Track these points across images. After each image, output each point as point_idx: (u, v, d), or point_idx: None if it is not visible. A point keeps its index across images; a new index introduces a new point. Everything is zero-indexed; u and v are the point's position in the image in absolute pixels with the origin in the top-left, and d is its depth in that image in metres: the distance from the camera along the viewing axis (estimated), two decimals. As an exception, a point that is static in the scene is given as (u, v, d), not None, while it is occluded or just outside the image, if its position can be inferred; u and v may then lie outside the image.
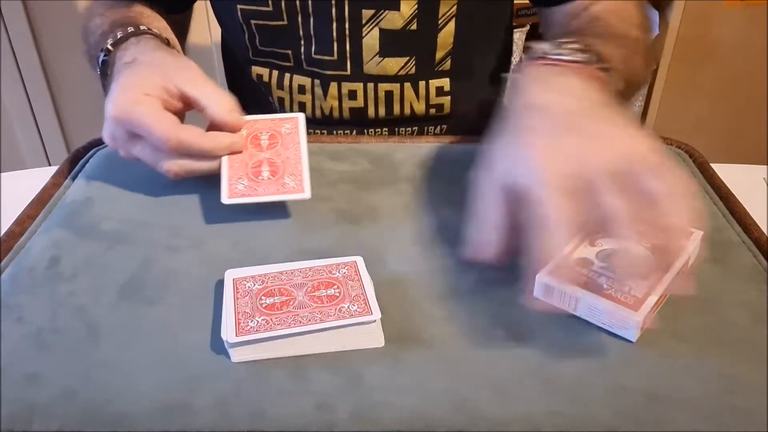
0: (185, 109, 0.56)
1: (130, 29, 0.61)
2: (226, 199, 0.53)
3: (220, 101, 0.54)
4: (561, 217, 0.39)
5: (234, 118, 0.55)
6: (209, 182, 0.59)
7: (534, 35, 1.71)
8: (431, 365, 0.41)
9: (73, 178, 0.61)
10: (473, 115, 0.78)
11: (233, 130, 0.55)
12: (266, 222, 0.54)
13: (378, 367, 0.41)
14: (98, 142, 0.66)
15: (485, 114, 0.54)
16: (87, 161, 0.63)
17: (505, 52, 0.82)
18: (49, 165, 1.62)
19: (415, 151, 0.64)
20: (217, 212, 0.55)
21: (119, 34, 0.61)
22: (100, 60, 0.61)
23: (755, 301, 0.47)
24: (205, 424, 0.38)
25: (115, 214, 0.55)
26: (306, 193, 0.53)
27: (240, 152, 0.55)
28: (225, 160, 0.55)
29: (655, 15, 1.71)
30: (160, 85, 0.54)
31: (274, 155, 0.55)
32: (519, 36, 1.70)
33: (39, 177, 0.64)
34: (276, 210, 0.56)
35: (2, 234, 0.53)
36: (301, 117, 0.57)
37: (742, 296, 0.47)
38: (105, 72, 0.61)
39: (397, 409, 0.39)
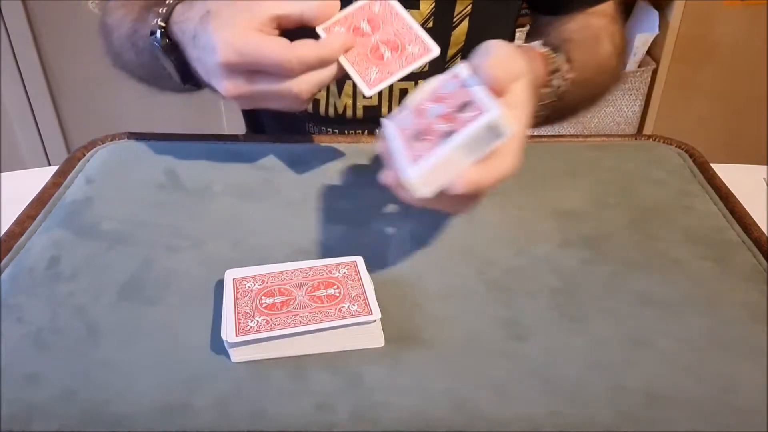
0: (281, 32, 0.54)
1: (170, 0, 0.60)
2: (368, 91, 0.52)
3: (307, 3, 0.53)
4: None
5: (327, 3, 0.53)
6: (209, 182, 0.59)
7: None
8: (431, 365, 0.41)
9: (73, 178, 0.61)
10: None
11: (331, 12, 0.54)
12: (266, 222, 0.54)
13: (378, 367, 0.41)
14: (98, 142, 0.65)
15: None
16: (87, 161, 0.63)
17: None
18: (49, 165, 1.62)
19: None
20: (217, 212, 0.55)
21: (162, 10, 0.59)
22: (158, 39, 0.58)
23: (755, 301, 0.47)
24: (205, 424, 0.38)
25: (115, 214, 0.55)
26: (435, 50, 0.52)
27: (352, 47, 0.54)
28: (344, 61, 0.54)
29: (654, 15, 1.71)
30: (252, 17, 0.52)
31: (384, 34, 0.54)
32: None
33: (39, 177, 0.64)
34: (276, 210, 0.56)
35: (2, 234, 0.53)
36: None
37: (742, 296, 0.47)
38: (168, 48, 0.58)
39: (397, 409, 0.39)
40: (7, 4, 1.60)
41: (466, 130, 0.42)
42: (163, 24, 0.58)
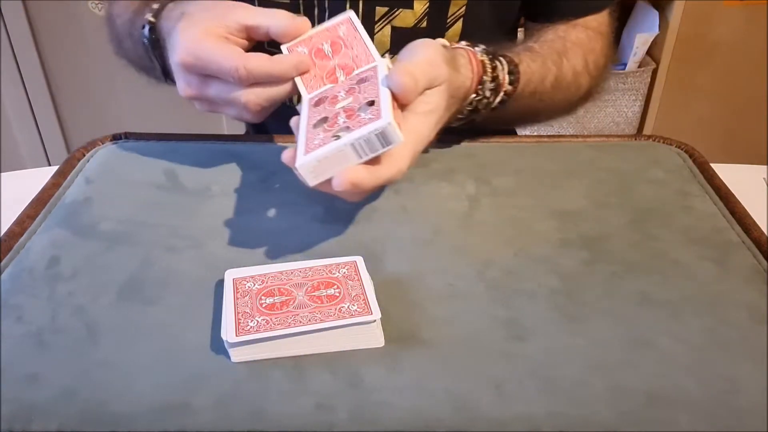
0: (250, 42, 0.56)
1: None
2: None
3: (276, 15, 0.54)
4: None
5: (297, 21, 0.54)
6: (209, 182, 0.59)
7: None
8: (431, 365, 0.41)
9: (73, 179, 0.61)
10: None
11: (300, 31, 0.54)
12: (266, 222, 0.54)
13: (378, 367, 0.41)
14: (98, 142, 0.65)
15: None
16: (87, 161, 0.63)
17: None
18: (49, 165, 1.62)
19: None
20: (217, 212, 0.55)
21: (155, 5, 0.60)
22: (146, 34, 0.60)
23: (755, 301, 0.47)
24: (205, 424, 0.38)
25: (115, 214, 0.55)
26: (381, 62, 0.52)
27: (307, 71, 0.53)
28: (299, 81, 0.53)
29: (654, 15, 1.71)
30: (219, 23, 0.53)
31: (343, 57, 0.54)
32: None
33: (39, 177, 0.64)
34: (276, 210, 0.56)
35: (2, 234, 0.53)
36: (351, 14, 0.56)
37: (742, 296, 0.47)
38: (155, 43, 0.60)
39: (397, 409, 0.39)
40: (7, 4, 1.60)
41: (357, 132, 0.44)
42: (152, 19, 0.59)
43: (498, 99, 0.60)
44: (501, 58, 0.60)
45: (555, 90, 0.68)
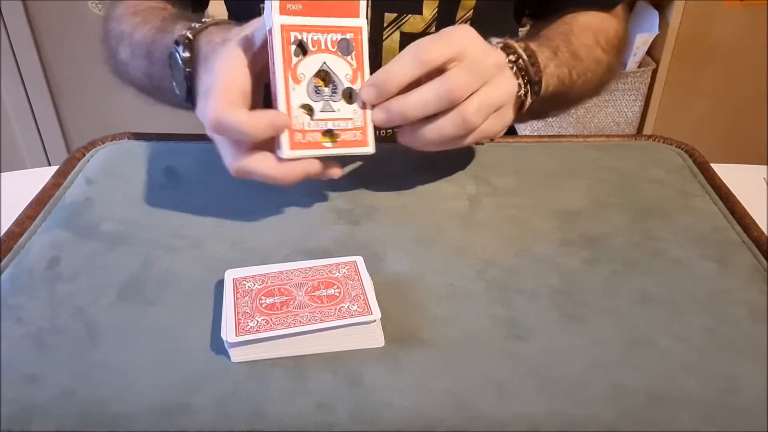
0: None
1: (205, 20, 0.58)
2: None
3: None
4: None
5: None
6: (209, 182, 0.59)
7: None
8: (431, 365, 0.41)
9: (73, 179, 0.61)
10: None
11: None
12: (266, 222, 0.54)
13: (378, 367, 0.41)
14: (98, 142, 0.65)
15: None
16: (87, 161, 0.63)
17: None
18: (49, 165, 1.62)
19: (414, 151, 0.64)
20: (217, 212, 0.55)
21: (196, 24, 0.58)
22: (179, 51, 0.57)
23: (755, 301, 0.47)
24: (205, 424, 0.38)
25: (115, 214, 0.55)
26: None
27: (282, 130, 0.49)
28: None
29: (654, 15, 1.71)
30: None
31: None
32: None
33: (39, 177, 0.64)
34: (276, 210, 0.56)
35: (2, 234, 0.53)
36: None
37: (742, 296, 0.47)
38: (187, 61, 0.57)
39: (397, 409, 0.39)
40: (7, 4, 1.60)
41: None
42: (191, 36, 0.57)
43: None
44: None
45: (572, 68, 0.65)
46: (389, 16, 0.70)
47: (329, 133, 0.50)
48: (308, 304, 0.43)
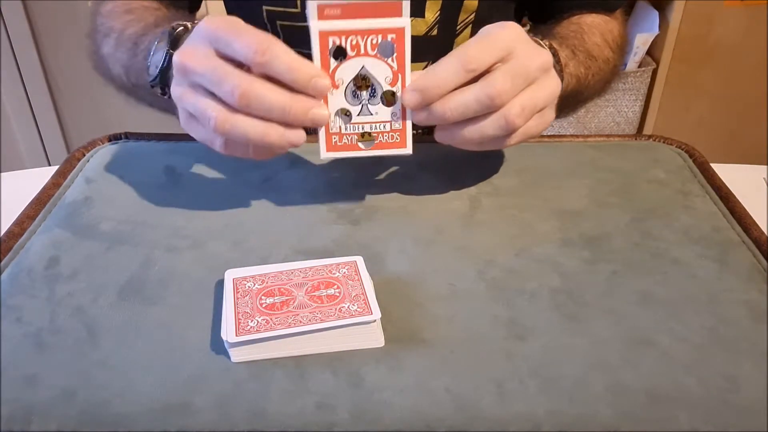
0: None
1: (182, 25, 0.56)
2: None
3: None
4: None
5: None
6: (210, 182, 0.59)
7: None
8: (432, 365, 0.41)
9: (73, 179, 0.60)
10: None
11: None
12: (266, 222, 0.54)
13: (378, 367, 0.41)
14: (98, 142, 0.65)
15: None
16: (87, 161, 0.63)
17: None
18: (49, 165, 1.62)
19: (414, 150, 0.64)
20: (217, 212, 0.55)
21: (197, 21, 0.55)
22: (170, 34, 0.55)
23: (755, 300, 0.47)
24: (205, 424, 0.38)
25: (115, 214, 0.55)
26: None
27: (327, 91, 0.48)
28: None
29: (654, 15, 1.71)
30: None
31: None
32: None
33: (39, 177, 0.64)
34: (276, 210, 0.56)
35: (2, 234, 0.53)
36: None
37: (742, 296, 0.47)
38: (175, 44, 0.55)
39: (397, 409, 0.39)
40: (7, 4, 1.60)
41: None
42: (189, 26, 0.56)
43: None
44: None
45: (588, 68, 0.66)
46: None
47: (366, 135, 0.50)
48: (308, 304, 0.43)
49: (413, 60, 0.76)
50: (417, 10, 0.69)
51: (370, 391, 0.40)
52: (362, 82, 0.48)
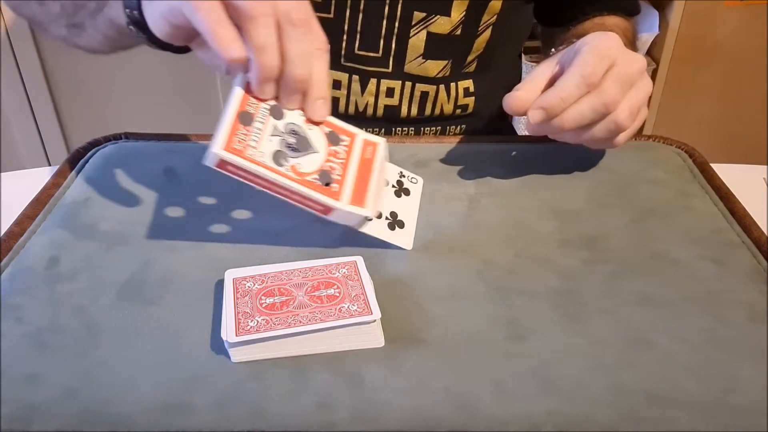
0: None
1: None
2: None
3: None
4: None
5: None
6: (209, 182, 0.59)
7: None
8: (431, 365, 0.41)
9: (73, 179, 0.61)
10: (491, 114, 0.80)
11: None
12: (266, 222, 0.54)
13: (378, 367, 0.41)
14: (98, 142, 0.66)
15: (503, 112, 0.56)
16: (87, 161, 0.63)
17: (519, 53, 0.86)
18: (49, 165, 1.62)
19: (415, 150, 0.64)
20: (217, 212, 0.55)
21: None
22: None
23: (755, 301, 0.47)
24: (205, 424, 0.38)
25: (115, 214, 0.55)
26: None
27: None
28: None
29: (654, 15, 1.71)
30: None
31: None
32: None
33: (39, 177, 0.64)
34: (276, 210, 0.56)
35: (2, 234, 0.53)
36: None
37: (742, 296, 0.47)
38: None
39: (397, 409, 0.39)
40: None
41: None
42: None
43: None
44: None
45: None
46: (418, 15, 0.70)
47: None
48: (308, 304, 0.43)
49: (436, 57, 0.77)
50: (444, 9, 0.70)
51: (370, 391, 0.40)
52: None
